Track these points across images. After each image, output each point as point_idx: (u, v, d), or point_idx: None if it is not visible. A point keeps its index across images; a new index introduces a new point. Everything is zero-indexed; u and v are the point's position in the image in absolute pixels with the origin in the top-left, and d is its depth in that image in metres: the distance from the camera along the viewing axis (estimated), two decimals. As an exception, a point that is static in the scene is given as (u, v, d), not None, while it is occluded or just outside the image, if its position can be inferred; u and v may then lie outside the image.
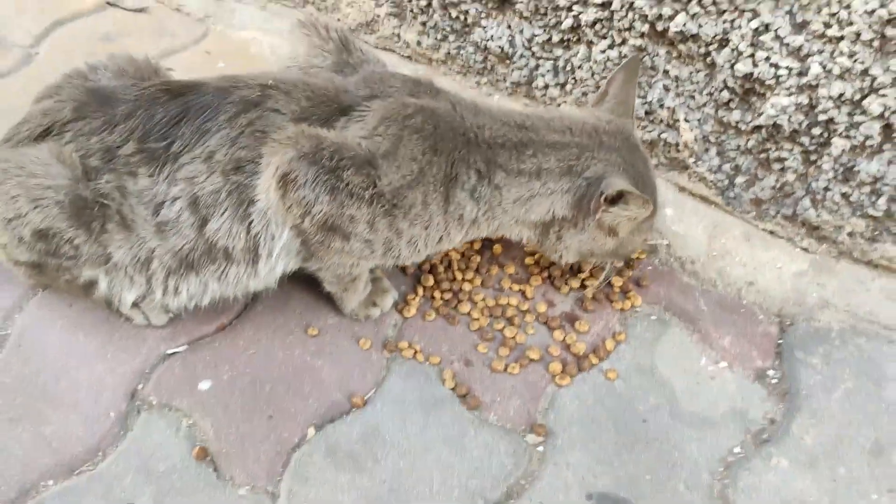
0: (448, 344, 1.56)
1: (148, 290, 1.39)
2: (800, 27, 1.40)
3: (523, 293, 1.65)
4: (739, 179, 1.68)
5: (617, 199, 1.34)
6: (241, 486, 1.33)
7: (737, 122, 1.59)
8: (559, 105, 1.90)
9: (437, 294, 1.63)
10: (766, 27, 1.43)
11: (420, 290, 1.64)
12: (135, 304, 1.50)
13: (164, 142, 1.28)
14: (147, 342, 1.52)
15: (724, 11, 1.46)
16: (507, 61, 1.93)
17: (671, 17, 1.53)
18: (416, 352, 1.53)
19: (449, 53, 2.04)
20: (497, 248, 1.73)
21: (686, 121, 1.68)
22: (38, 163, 1.29)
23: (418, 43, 2.09)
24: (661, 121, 1.73)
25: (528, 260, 1.71)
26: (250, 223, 1.31)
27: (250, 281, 1.40)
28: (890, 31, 1.30)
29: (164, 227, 1.31)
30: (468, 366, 1.52)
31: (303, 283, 1.56)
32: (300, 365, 1.50)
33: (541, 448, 1.40)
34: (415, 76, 1.44)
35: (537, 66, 1.88)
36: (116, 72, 1.42)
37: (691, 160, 1.73)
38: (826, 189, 1.56)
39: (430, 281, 1.65)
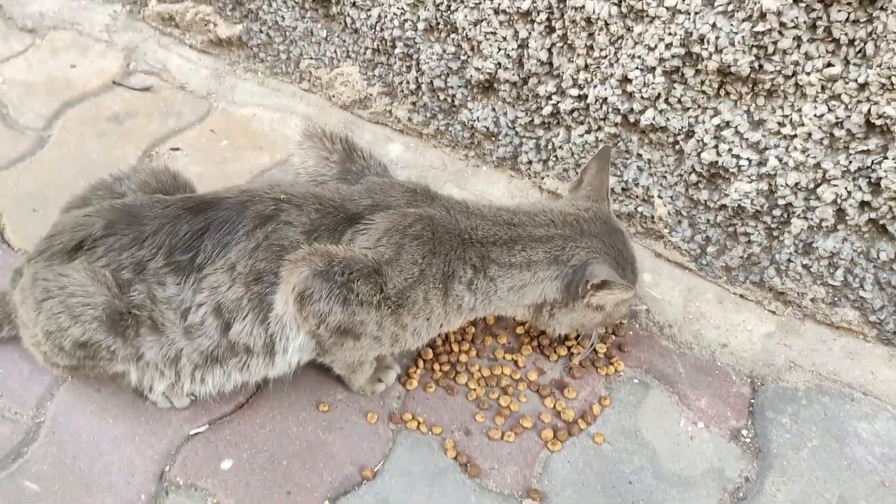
0: (448, 414, 1.69)
1: (177, 381, 1.53)
2: (757, 124, 1.55)
3: (516, 362, 1.79)
4: (710, 249, 1.83)
5: (602, 285, 1.49)
6: (265, 560, 1.46)
7: (705, 200, 1.74)
8: (543, 178, 2.05)
9: (436, 366, 1.77)
10: (727, 123, 1.58)
11: (420, 363, 1.77)
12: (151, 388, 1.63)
13: (189, 254, 1.42)
14: (171, 424, 1.65)
15: (689, 108, 1.62)
16: (493, 138, 2.07)
17: (641, 112, 1.68)
18: (419, 423, 1.67)
19: (438, 129, 2.19)
20: (490, 318, 1.87)
21: (659, 197, 1.83)
22: (77, 283, 1.42)
23: (409, 119, 2.23)
24: (637, 196, 1.88)
25: (519, 329, 1.85)
26: (268, 325, 1.45)
27: (269, 370, 1.55)
28: (838, 132, 1.46)
29: (190, 329, 1.45)
30: (468, 435, 1.66)
31: (311, 361, 1.69)
32: (313, 440, 1.63)
33: (537, 512, 1.54)
34: (411, 183, 1.58)
35: (521, 144, 2.03)
36: (140, 184, 1.57)
37: (665, 231, 1.88)
38: (789, 261, 1.71)
39: (430, 354, 1.78)
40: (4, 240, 2.02)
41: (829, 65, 1.42)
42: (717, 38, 1.47)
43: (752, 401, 1.70)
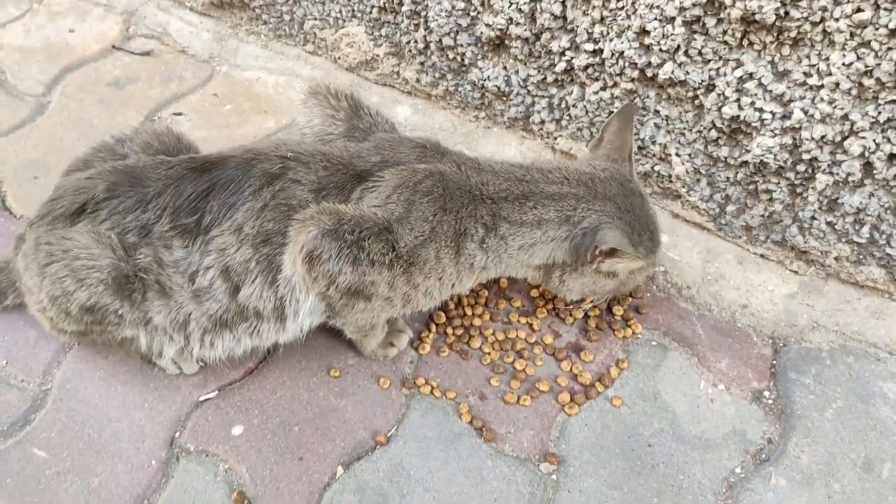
0: (462, 378, 1.66)
1: (186, 345, 1.49)
2: (781, 76, 1.49)
3: (531, 325, 1.75)
4: (730, 208, 1.78)
5: (611, 252, 1.44)
6: (278, 526, 1.43)
7: (725, 157, 1.69)
8: (556, 139, 1.99)
9: (449, 330, 1.73)
10: (750, 75, 1.52)
11: (433, 327, 1.73)
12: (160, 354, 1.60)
13: (195, 216, 1.38)
14: (181, 390, 1.62)
15: (710, 60, 1.56)
16: (504, 98, 2.02)
17: (659, 65, 1.62)
18: (432, 388, 1.63)
19: (447, 90, 2.13)
20: (503, 281, 1.83)
21: (677, 155, 1.77)
22: (81, 246, 1.38)
23: (417, 80, 2.17)
24: (654, 155, 1.82)
25: (534, 292, 1.81)
26: (277, 288, 1.40)
27: (280, 335, 1.51)
28: (867, 81, 1.40)
29: (199, 293, 1.40)
30: (482, 399, 1.62)
31: (322, 325, 1.65)
32: (325, 406, 1.60)
33: (554, 476, 1.50)
34: (421, 139, 1.53)
35: (533, 104, 1.97)
36: (142, 146, 1.52)
37: (683, 190, 1.83)
38: (812, 218, 1.66)
39: (442, 318, 1.74)
40: (6, 207, 1.98)
41: (859, 10, 1.35)
42: (740, -16, 1.41)
43: (774, 362, 1.66)
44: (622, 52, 1.66)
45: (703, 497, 1.46)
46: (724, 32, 1.51)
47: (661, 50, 1.61)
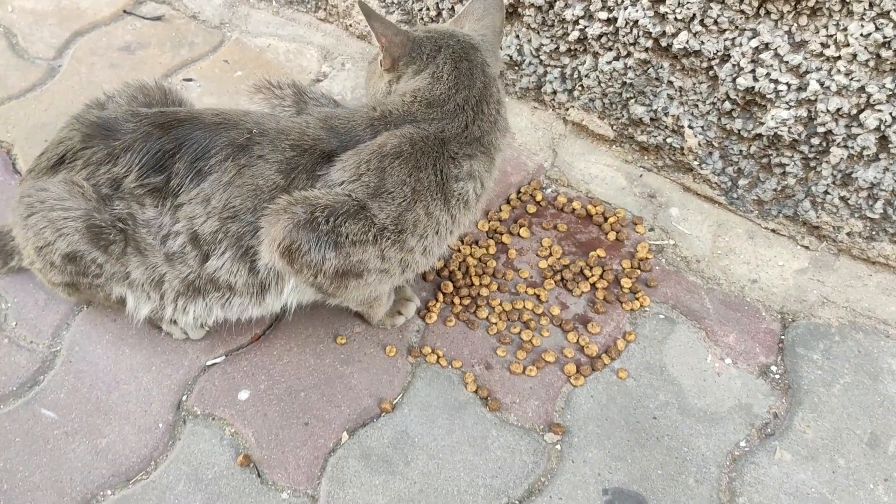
0: (469, 348, 1.66)
1: (161, 305, 1.49)
2: (798, 46, 1.47)
3: (538, 296, 1.75)
4: (742, 182, 1.76)
5: None
6: (283, 490, 1.44)
7: (739, 130, 1.67)
8: (567, 110, 1.97)
9: (456, 300, 1.73)
10: (766, 46, 1.50)
11: (440, 297, 1.73)
12: (173, 321, 1.60)
13: (162, 175, 1.36)
14: (188, 354, 1.63)
15: (725, 30, 1.53)
16: (516, 68, 1.99)
17: (674, 35, 1.60)
18: (438, 357, 1.63)
19: (460, 59, 2.11)
20: (512, 252, 1.82)
21: (690, 127, 1.75)
22: (55, 198, 1.39)
23: (429, 48, 2.15)
24: (666, 126, 1.80)
25: (542, 264, 1.80)
26: (257, 270, 1.40)
27: (255, 309, 1.50)
28: (885, 53, 1.37)
29: (171, 256, 1.40)
30: (488, 369, 1.62)
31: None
32: (331, 373, 1.61)
33: (558, 446, 1.50)
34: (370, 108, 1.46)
35: (545, 73, 1.95)
36: (128, 99, 1.51)
37: (695, 163, 1.81)
38: (825, 193, 1.64)
39: (450, 287, 1.74)
40: (16, 170, 1.98)
41: (879, -21, 1.33)
42: (758, -49, 1.38)
43: (782, 337, 1.65)
44: (636, 21, 1.64)
45: (706, 470, 1.46)
46: (741, 1, 1.48)
47: (676, 19, 1.58)
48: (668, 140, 1.82)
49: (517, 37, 1.92)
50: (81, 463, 1.47)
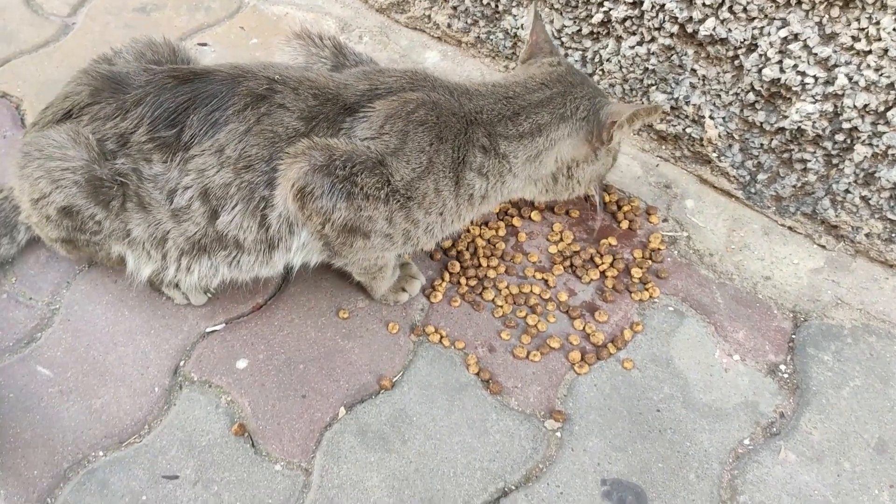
0: (473, 330, 1.63)
1: (163, 265, 1.46)
2: (828, 38, 1.43)
3: (546, 282, 1.71)
4: (761, 176, 1.72)
5: (631, 118, 1.43)
6: (276, 461, 1.42)
7: (761, 123, 1.63)
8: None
9: (462, 280, 1.70)
10: (795, 36, 1.45)
11: (447, 276, 1.70)
12: (175, 284, 1.58)
13: (174, 129, 1.33)
14: (188, 320, 1.60)
15: (754, 18, 1.49)
16: (537, 49, 1.95)
17: (701, 21, 1.56)
18: (442, 337, 1.60)
19: (479, 37, 2.07)
20: (522, 235, 1.79)
21: (711, 118, 1.71)
22: (56, 146, 1.36)
23: (448, 25, 2.12)
24: (687, 116, 1.76)
25: (552, 249, 1.77)
26: (268, 224, 1.37)
27: (262, 269, 1.47)
28: (917, 48, 1.33)
29: (177, 212, 1.37)
30: (491, 352, 1.59)
31: (331, 266, 1.63)
32: (332, 346, 1.58)
33: (559, 434, 1.48)
34: (409, 68, 1.48)
35: (566, 56, 1.91)
36: (136, 55, 1.48)
37: (714, 155, 1.77)
38: (846, 191, 1.60)
39: (457, 267, 1.71)
40: (25, 125, 1.96)
41: (918, -28, 1.29)
42: (794, -64, 1.34)
43: (793, 336, 1.62)
44: (663, 5, 1.60)
45: (708, 465, 1.43)
46: (772, -11, 1.44)
47: (704, 4, 1.54)
48: (688, 130, 1.78)
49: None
50: (74, 422, 1.45)
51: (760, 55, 1.52)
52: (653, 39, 1.69)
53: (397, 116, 1.34)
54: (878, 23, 1.36)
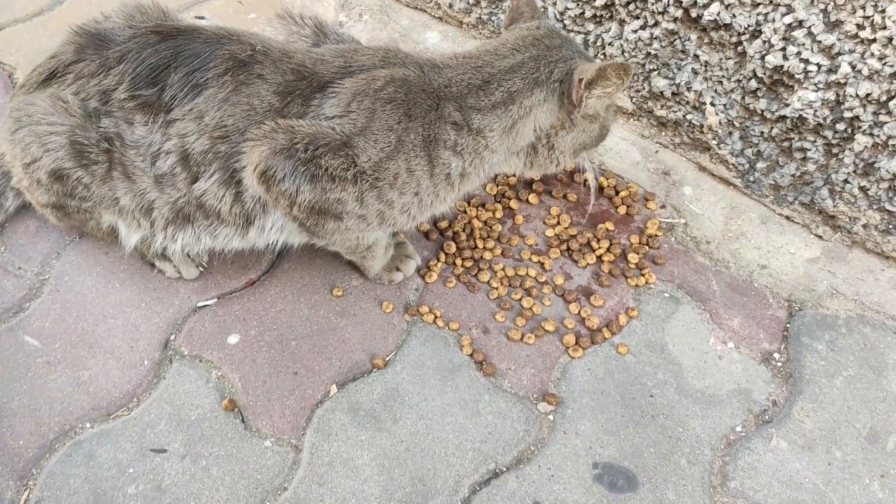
0: (467, 311, 1.62)
1: (151, 234, 1.46)
2: (833, 26, 1.42)
3: (542, 265, 1.70)
4: (760, 164, 1.71)
5: (596, 76, 1.35)
6: (266, 437, 1.41)
7: (762, 111, 1.62)
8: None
9: (458, 261, 1.68)
10: (800, 23, 1.44)
11: (442, 257, 1.69)
12: (166, 257, 1.57)
13: (155, 88, 1.31)
14: (179, 294, 1.59)
15: (759, 4, 1.48)
16: (538, 31, 1.93)
17: (706, 6, 1.55)
18: (436, 317, 1.59)
19: (480, 18, 2.05)
20: (519, 218, 1.77)
21: (712, 104, 1.70)
22: (41, 111, 1.35)
23: (450, 5, 2.10)
24: (688, 102, 1.75)
25: (549, 232, 1.76)
26: (243, 200, 1.37)
27: (238, 242, 1.47)
28: (923, 36, 1.33)
29: (160, 179, 1.36)
30: (485, 333, 1.58)
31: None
32: (325, 324, 1.57)
33: (551, 416, 1.47)
34: (381, 45, 1.45)
35: (568, 39, 1.89)
36: (126, 18, 1.46)
37: (714, 142, 1.76)
38: (845, 181, 1.59)
39: (453, 248, 1.70)
40: (17, 94, 1.93)
41: (926, -41, 1.28)
42: (803, -80, 1.33)
43: (788, 325, 1.62)
44: (668, -12, 1.58)
45: (700, 451, 1.43)
46: (779, -26, 1.43)
47: (708, -12, 1.53)
48: (688, 116, 1.77)
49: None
50: (62, 394, 1.43)
51: (764, 42, 1.51)
52: (656, 24, 1.68)
53: (364, 94, 1.31)
54: (883, 11, 1.35)
